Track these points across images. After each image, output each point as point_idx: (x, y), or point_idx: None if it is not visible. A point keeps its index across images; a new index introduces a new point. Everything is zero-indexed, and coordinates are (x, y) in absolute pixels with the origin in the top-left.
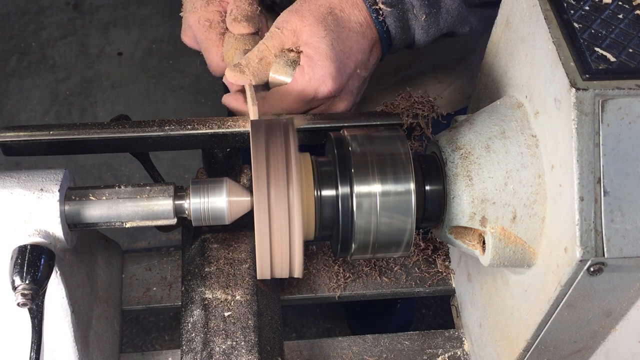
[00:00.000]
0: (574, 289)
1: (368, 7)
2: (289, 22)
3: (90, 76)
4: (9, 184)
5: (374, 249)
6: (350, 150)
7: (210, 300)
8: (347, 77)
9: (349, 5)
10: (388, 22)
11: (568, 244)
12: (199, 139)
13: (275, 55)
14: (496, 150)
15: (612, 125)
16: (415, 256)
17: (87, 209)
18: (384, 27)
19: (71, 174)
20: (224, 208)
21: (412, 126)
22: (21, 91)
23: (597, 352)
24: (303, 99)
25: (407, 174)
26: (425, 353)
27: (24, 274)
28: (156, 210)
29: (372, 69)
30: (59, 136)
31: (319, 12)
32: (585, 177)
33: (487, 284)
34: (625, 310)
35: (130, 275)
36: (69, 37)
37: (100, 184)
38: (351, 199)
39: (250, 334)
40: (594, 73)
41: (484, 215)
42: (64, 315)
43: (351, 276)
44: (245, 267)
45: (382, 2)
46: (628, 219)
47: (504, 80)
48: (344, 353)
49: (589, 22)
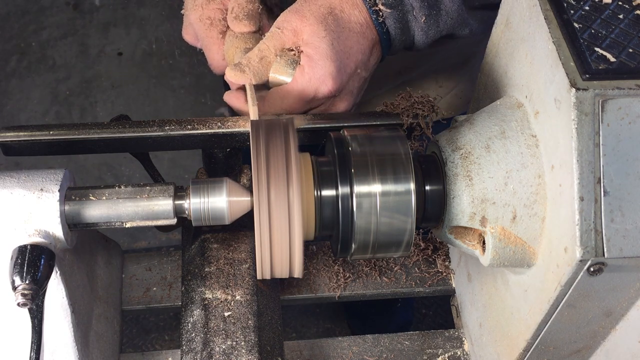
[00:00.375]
0: (574, 289)
1: (368, 8)
2: (289, 21)
3: (90, 76)
4: (9, 184)
5: (374, 249)
6: (350, 150)
7: (210, 300)
8: (347, 77)
9: (349, 6)
10: (388, 23)
11: (568, 244)
12: (199, 139)
13: (275, 54)
14: (496, 150)
15: (612, 125)
16: (415, 256)
17: (87, 209)
18: (384, 29)
19: (71, 174)
20: (224, 208)
21: (412, 126)
22: (21, 91)
23: (597, 352)
24: (303, 98)
25: (407, 174)
26: (425, 353)
27: (24, 274)
28: (156, 210)
29: (373, 69)
30: (59, 136)
31: (319, 12)
32: (585, 177)
33: (487, 284)
34: (625, 310)
35: (130, 275)
36: (69, 37)
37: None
38: (351, 199)
39: (250, 334)
40: (594, 73)
41: (484, 215)
42: (64, 315)
43: (351, 276)
44: (245, 267)
45: (382, 3)
46: (628, 219)
47: (504, 80)
48: (344, 353)
49: (589, 22)
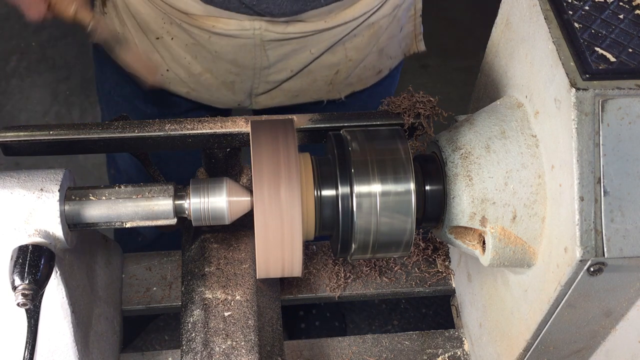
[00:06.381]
0: (574, 289)
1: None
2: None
3: (90, 76)
4: (9, 184)
5: (374, 249)
6: (350, 150)
7: (210, 300)
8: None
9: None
10: None
11: (568, 244)
12: (199, 139)
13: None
14: (496, 150)
15: (612, 125)
16: (415, 256)
17: (87, 209)
18: None
19: (71, 174)
20: (224, 208)
21: (414, 126)
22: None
23: (597, 352)
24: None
25: (407, 174)
26: (425, 353)
27: (24, 274)
28: (156, 210)
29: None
30: (59, 136)
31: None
32: (585, 177)
33: (487, 284)
34: (625, 310)
35: (130, 275)
36: (69, 37)
37: (100, 184)
38: (351, 199)
39: (250, 334)
40: (594, 73)
41: (484, 215)
42: (64, 315)
43: (351, 276)
44: (245, 267)
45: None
46: (628, 219)
47: (504, 80)
48: (344, 353)
49: (589, 22)
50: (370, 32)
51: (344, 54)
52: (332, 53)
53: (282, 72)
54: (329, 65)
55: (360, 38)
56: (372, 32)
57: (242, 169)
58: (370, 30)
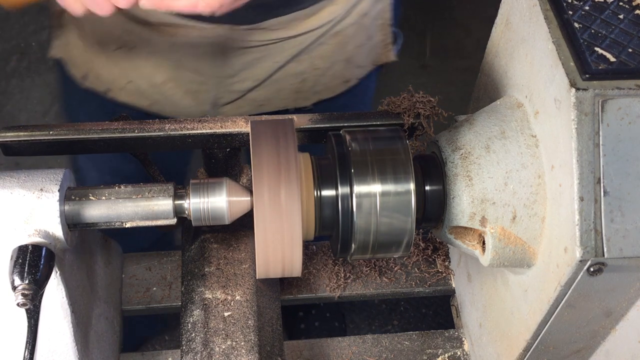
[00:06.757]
0: (573, 289)
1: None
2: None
3: None
4: (9, 184)
5: (374, 249)
6: (350, 150)
7: (210, 300)
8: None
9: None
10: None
11: (568, 244)
12: (199, 139)
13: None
14: (496, 150)
15: (612, 125)
16: (415, 256)
17: (87, 209)
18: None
19: (71, 174)
20: (224, 208)
21: (414, 126)
22: (21, 91)
23: (597, 352)
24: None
25: (407, 174)
26: (425, 353)
27: (24, 274)
28: (156, 210)
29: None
30: (59, 136)
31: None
32: (585, 177)
33: (487, 284)
34: (625, 310)
35: (130, 275)
36: None
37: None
38: (351, 199)
39: (250, 334)
40: (594, 73)
41: (484, 215)
42: (64, 315)
43: (351, 276)
44: (245, 267)
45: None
46: (628, 219)
47: (504, 80)
48: (344, 353)
49: (589, 22)
50: (336, 40)
51: (310, 62)
52: (297, 62)
53: (246, 81)
54: (294, 74)
55: (326, 46)
56: (338, 41)
57: (242, 169)
58: (336, 38)
